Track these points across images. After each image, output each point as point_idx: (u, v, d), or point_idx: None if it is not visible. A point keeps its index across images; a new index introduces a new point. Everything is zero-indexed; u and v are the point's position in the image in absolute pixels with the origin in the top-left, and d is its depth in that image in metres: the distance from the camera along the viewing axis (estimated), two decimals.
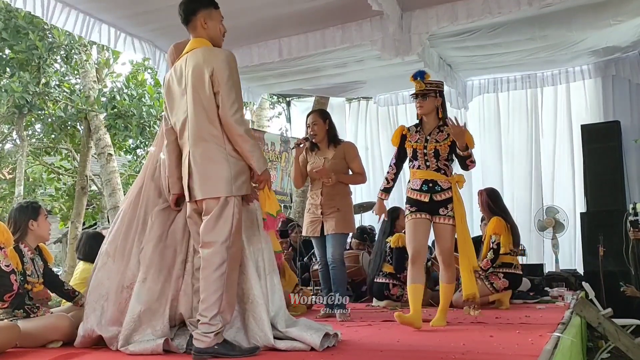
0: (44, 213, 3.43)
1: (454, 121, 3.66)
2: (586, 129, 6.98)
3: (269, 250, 3.03)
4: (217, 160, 2.70)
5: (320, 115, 4.63)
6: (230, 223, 2.67)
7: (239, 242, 2.76)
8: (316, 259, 4.98)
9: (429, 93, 3.81)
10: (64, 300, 3.87)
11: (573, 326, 3.55)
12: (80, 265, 4.55)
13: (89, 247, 4.38)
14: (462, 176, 3.85)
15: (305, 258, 6.36)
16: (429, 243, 7.11)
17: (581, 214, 6.85)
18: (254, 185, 2.84)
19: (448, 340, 3.07)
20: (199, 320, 2.68)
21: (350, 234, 5.55)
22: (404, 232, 5.51)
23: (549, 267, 6.81)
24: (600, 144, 6.79)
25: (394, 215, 5.54)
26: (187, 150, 2.77)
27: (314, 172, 4.49)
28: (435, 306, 5.24)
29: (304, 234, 4.67)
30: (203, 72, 2.69)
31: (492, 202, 5.19)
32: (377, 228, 7.44)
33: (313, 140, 4.54)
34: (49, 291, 3.58)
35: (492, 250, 4.99)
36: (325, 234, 4.42)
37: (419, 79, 3.84)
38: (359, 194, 8.42)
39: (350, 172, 4.56)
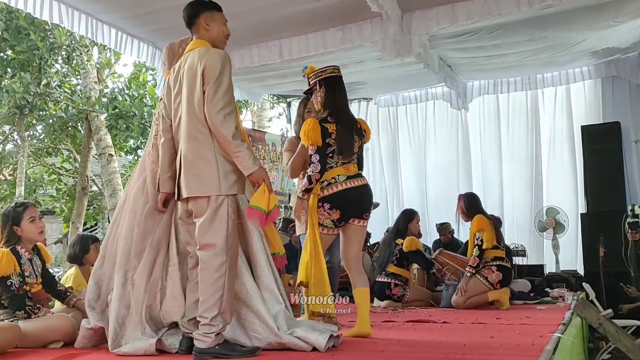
0: (28, 217, 3.29)
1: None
2: (586, 130, 7.00)
3: (260, 244, 2.97)
4: (206, 158, 2.68)
5: None
6: (225, 223, 2.65)
7: (236, 242, 2.75)
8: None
9: (313, 87, 3.49)
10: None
11: (573, 327, 3.56)
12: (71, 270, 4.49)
13: (74, 250, 4.35)
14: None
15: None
16: (431, 244, 7.19)
17: (581, 214, 6.86)
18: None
19: (448, 340, 3.08)
20: (198, 322, 2.67)
21: None
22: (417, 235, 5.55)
23: (550, 268, 6.82)
24: (600, 145, 6.81)
25: (410, 217, 5.58)
26: (180, 148, 2.78)
27: None
28: (436, 306, 5.31)
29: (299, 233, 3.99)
30: (196, 70, 2.70)
31: (466, 206, 5.23)
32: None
33: None
34: None
35: (477, 246, 5.03)
36: None
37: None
38: None
39: None
